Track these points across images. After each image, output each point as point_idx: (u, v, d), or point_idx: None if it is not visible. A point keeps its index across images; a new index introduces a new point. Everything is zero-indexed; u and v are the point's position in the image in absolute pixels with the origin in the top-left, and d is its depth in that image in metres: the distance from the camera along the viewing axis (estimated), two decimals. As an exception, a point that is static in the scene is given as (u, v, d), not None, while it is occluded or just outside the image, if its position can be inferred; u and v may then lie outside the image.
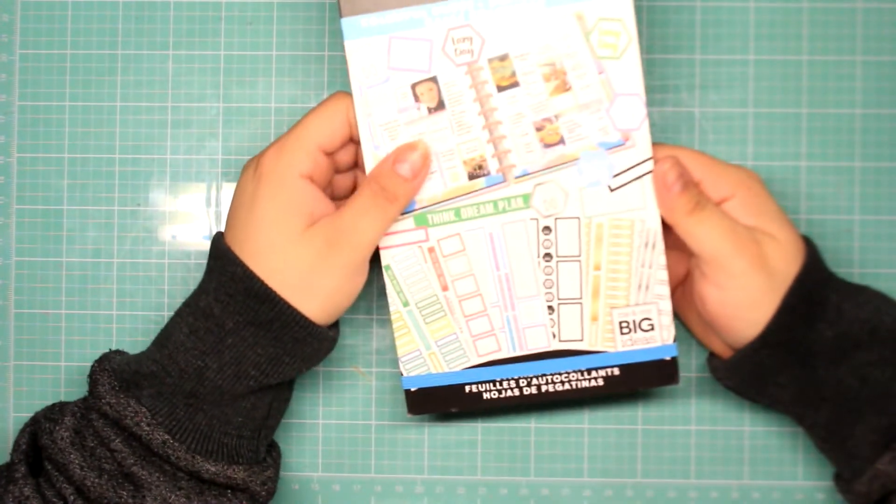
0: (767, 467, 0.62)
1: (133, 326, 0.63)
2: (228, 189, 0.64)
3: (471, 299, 0.57)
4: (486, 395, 0.57)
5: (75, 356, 0.64)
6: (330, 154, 0.56)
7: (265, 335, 0.54)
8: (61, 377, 0.64)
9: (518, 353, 0.55)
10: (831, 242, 0.62)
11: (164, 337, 0.56)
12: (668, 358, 0.55)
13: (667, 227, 0.55)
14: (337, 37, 0.64)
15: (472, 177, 0.53)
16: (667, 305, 0.54)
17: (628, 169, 0.52)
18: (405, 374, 0.58)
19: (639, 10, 0.63)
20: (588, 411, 0.63)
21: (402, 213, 0.55)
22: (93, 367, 0.57)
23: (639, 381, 0.56)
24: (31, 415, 0.61)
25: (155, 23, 0.64)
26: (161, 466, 0.54)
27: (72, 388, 0.63)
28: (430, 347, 0.57)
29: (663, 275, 0.53)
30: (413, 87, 0.53)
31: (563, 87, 0.51)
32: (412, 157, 0.54)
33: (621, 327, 0.54)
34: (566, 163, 0.52)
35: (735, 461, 0.62)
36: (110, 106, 0.64)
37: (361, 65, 0.53)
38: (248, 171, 0.56)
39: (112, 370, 0.56)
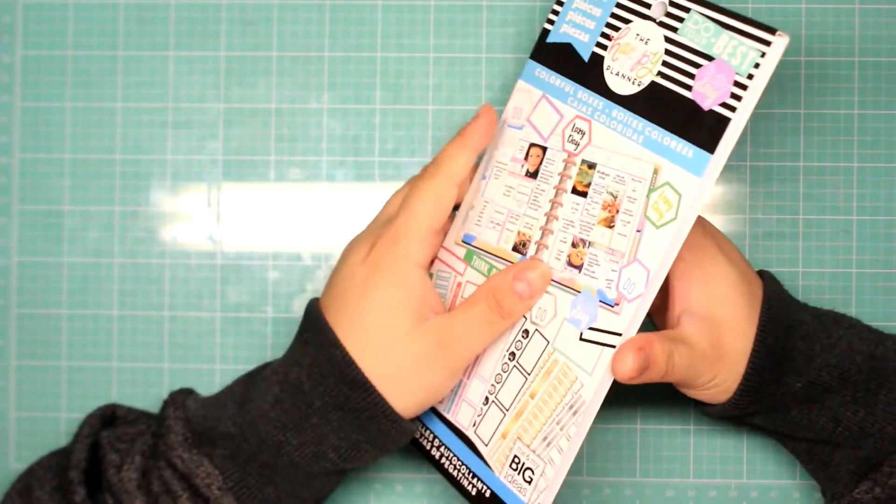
0: (765, 467, 0.62)
1: (134, 327, 0.64)
2: (229, 189, 0.64)
3: None
4: (420, 440, 0.58)
5: (76, 356, 0.64)
6: (440, 230, 0.55)
7: (351, 421, 0.52)
8: (62, 377, 0.64)
9: (449, 416, 0.56)
10: (829, 243, 0.62)
11: (245, 399, 0.55)
12: None
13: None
14: (337, 37, 0.64)
15: (515, 249, 0.54)
16: (551, 472, 0.53)
17: (602, 331, 0.51)
18: None
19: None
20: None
21: (464, 242, 0.56)
22: (166, 408, 0.56)
23: None
24: (31, 415, 0.61)
25: (155, 24, 0.64)
26: None
27: (73, 387, 0.63)
28: None
29: (565, 444, 0.53)
30: (530, 146, 0.55)
31: (609, 223, 0.52)
32: (531, 276, 0.52)
33: (513, 460, 0.54)
34: (570, 289, 0.52)
35: (733, 461, 0.63)
36: (111, 107, 0.64)
37: (515, 105, 0.55)
38: (355, 253, 0.54)
39: (187, 420, 0.55)
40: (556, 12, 0.55)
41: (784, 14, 0.63)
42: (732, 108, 0.48)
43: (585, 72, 0.53)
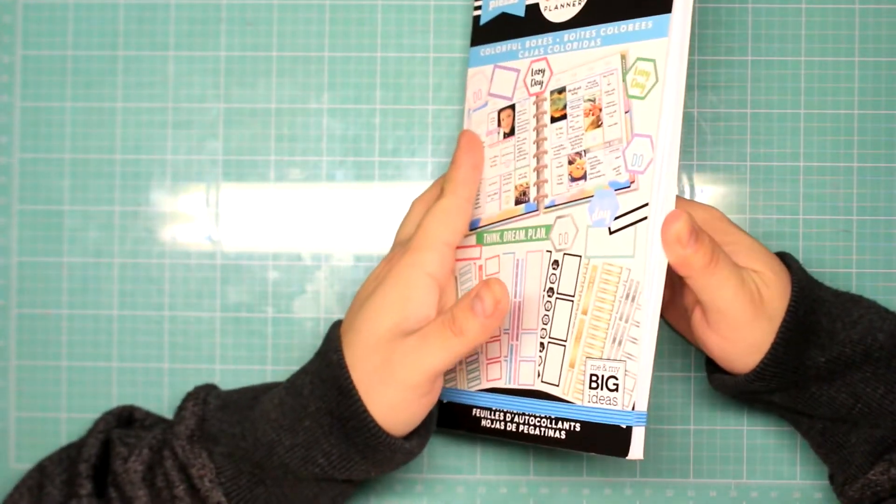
0: (765, 466, 0.62)
1: (134, 327, 0.64)
2: (229, 189, 0.64)
3: None
4: (483, 423, 0.57)
5: (76, 356, 0.64)
6: (454, 245, 0.55)
7: (340, 429, 0.53)
8: (62, 377, 0.64)
9: (511, 384, 0.56)
10: (829, 242, 0.62)
11: (258, 401, 0.56)
12: (623, 426, 0.54)
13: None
14: (337, 37, 0.64)
15: (517, 202, 0.55)
16: (634, 367, 0.52)
17: (628, 212, 0.51)
18: (444, 386, 0.58)
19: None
20: (587, 411, 0.63)
21: (472, 230, 0.57)
22: (187, 400, 0.57)
23: (593, 446, 0.54)
24: (31, 415, 0.61)
25: (155, 23, 0.64)
26: None
27: (73, 387, 0.63)
28: (461, 363, 0.58)
29: (636, 332, 0.52)
30: (498, 112, 0.55)
31: (597, 123, 0.52)
32: (485, 294, 0.51)
33: (591, 380, 0.53)
34: (583, 198, 0.53)
35: (733, 460, 0.63)
36: (111, 107, 0.64)
37: (473, 90, 0.56)
38: (375, 272, 0.56)
39: (203, 417, 0.56)
40: None
41: (784, 14, 0.63)
42: None
43: (526, 24, 0.55)
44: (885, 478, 0.54)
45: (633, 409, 0.52)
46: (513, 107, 0.55)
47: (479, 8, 0.57)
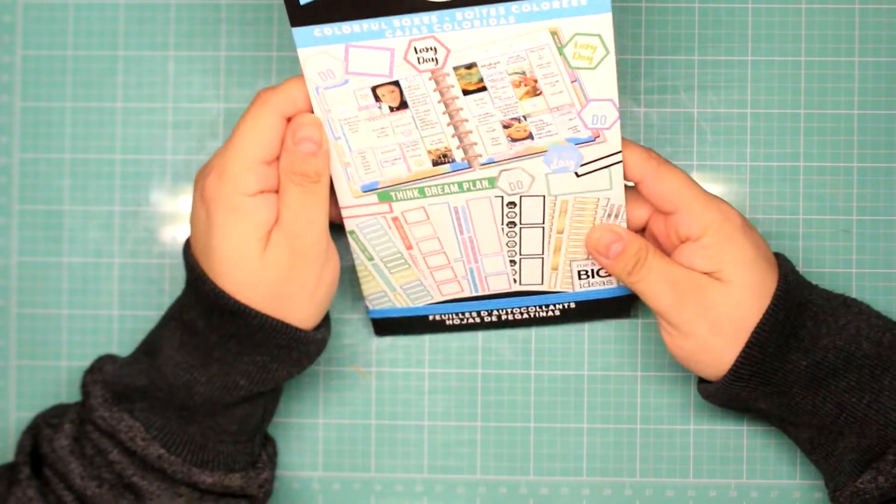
0: (765, 467, 0.62)
1: (134, 327, 0.64)
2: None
3: (435, 255, 0.58)
4: (448, 322, 0.58)
5: (76, 356, 0.64)
6: (272, 161, 0.54)
7: (249, 345, 0.54)
8: (62, 377, 0.64)
9: (480, 293, 0.56)
10: (829, 242, 0.62)
11: (154, 349, 0.56)
12: (624, 295, 0.55)
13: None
14: (337, 38, 0.64)
15: (436, 164, 0.54)
16: None
17: (598, 159, 0.52)
18: (370, 307, 0.59)
19: (638, 10, 0.63)
20: (587, 411, 0.63)
21: (366, 191, 0.55)
22: (84, 376, 0.57)
23: (593, 314, 0.56)
24: (32, 415, 0.61)
25: (155, 24, 0.64)
26: (160, 476, 0.54)
27: (73, 387, 0.63)
28: (395, 290, 0.58)
29: None
30: (374, 89, 0.53)
31: (533, 93, 0.52)
32: (305, 131, 0.52)
33: (579, 274, 0.54)
34: (534, 153, 0.53)
35: (733, 460, 0.63)
36: (111, 107, 0.64)
37: (318, 69, 0.53)
38: (196, 192, 0.54)
39: (104, 381, 0.56)
40: None
41: (784, 14, 0.63)
42: None
43: (387, 4, 0.51)
44: (873, 486, 0.54)
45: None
46: (395, 83, 0.53)
47: None
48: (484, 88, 0.52)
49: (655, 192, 0.55)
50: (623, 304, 0.59)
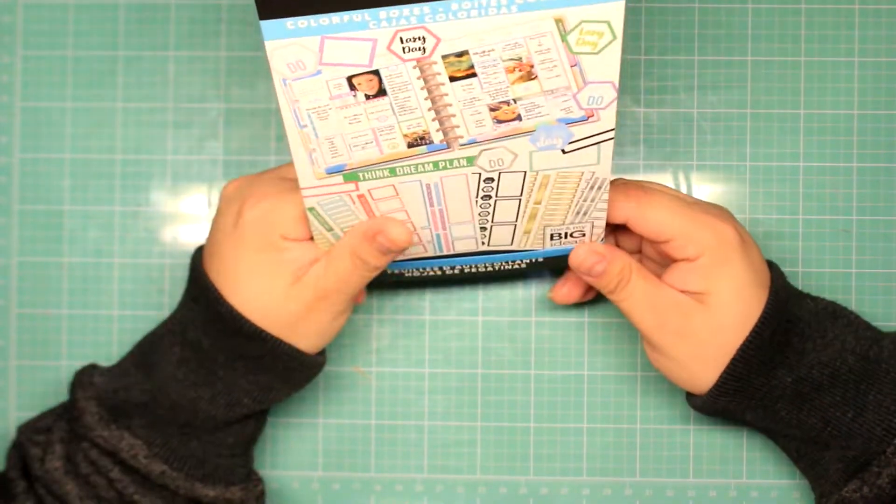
0: (765, 467, 0.62)
1: (134, 327, 0.64)
2: (229, 189, 0.64)
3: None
4: (407, 274, 0.57)
5: (77, 356, 0.64)
6: None
7: (256, 366, 0.54)
8: (62, 377, 0.64)
9: (444, 253, 0.55)
10: (829, 242, 0.62)
11: (149, 363, 0.56)
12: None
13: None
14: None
15: (411, 146, 0.52)
16: (602, 224, 0.53)
17: (589, 136, 0.51)
18: None
19: (638, 10, 0.63)
20: (587, 411, 0.63)
21: (330, 173, 0.53)
22: (74, 392, 0.57)
23: (559, 263, 0.55)
24: (32, 415, 0.61)
25: (155, 24, 0.64)
26: (161, 492, 0.55)
27: (73, 387, 0.63)
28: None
29: (603, 206, 0.52)
30: (349, 78, 0.50)
31: (528, 77, 0.51)
32: (392, 233, 0.52)
33: (551, 237, 0.54)
34: (521, 133, 0.51)
35: (733, 460, 0.63)
36: (111, 107, 0.64)
37: (287, 62, 0.50)
38: (229, 208, 0.54)
39: (97, 398, 0.56)
40: None
41: (784, 14, 0.63)
42: None
43: None
44: (858, 496, 0.54)
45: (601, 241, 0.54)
46: (374, 72, 0.50)
47: None
48: (473, 74, 0.50)
49: (643, 230, 0.55)
50: None
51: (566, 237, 0.54)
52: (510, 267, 0.55)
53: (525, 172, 0.52)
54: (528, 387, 0.63)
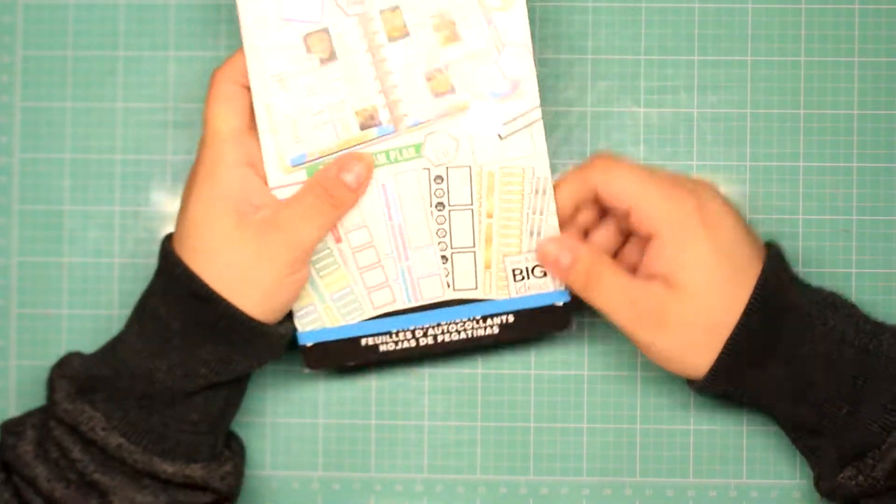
0: (765, 466, 0.62)
1: (134, 326, 0.64)
2: (229, 189, 0.64)
3: (365, 251, 0.57)
4: (382, 348, 0.57)
5: (77, 356, 0.64)
6: (249, 130, 0.55)
7: (212, 334, 0.54)
8: (63, 377, 0.64)
9: (413, 303, 0.56)
10: (829, 242, 0.62)
11: (117, 339, 0.57)
12: (559, 304, 0.55)
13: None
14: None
15: (363, 127, 0.54)
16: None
17: (517, 117, 0.52)
18: (300, 330, 0.58)
19: (638, 10, 0.63)
20: (587, 411, 0.63)
21: (295, 165, 0.55)
22: (51, 371, 0.57)
23: (532, 329, 0.56)
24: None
25: (155, 23, 0.64)
26: (121, 469, 0.54)
27: (73, 387, 0.63)
28: (324, 301, 0.57)
29: (554, 221, 0.53)
30: (305, 38, 0.53)
31: (453, 38, 0.52)
32: (357, 167, 0.54)
33: (514, 274, 0.54)
34: (457, 111, 0.52)
35: (733, 460, 0.63)
36: (111, 107, 0.64)
37: (254, 16, 0.53)
38: (195, 166, 0.56)
39: (70, 377, 0.56)
40: None
41: (784, 14, 0.63)
42: None
43: None
44: (853, 483, 0.54)
45: (564, 287, 0.55)
46: (325, 30, 0.53)
47: None
48: (407, 34, 0.52)
49: (606, 198, 0.54)
50: (561, 316, 0.57)
51: (528, 276, 0.54)
52: (483, 332, 0.56)
53: (470, 168, 0.52)
54: (528, 387, 0.63)
